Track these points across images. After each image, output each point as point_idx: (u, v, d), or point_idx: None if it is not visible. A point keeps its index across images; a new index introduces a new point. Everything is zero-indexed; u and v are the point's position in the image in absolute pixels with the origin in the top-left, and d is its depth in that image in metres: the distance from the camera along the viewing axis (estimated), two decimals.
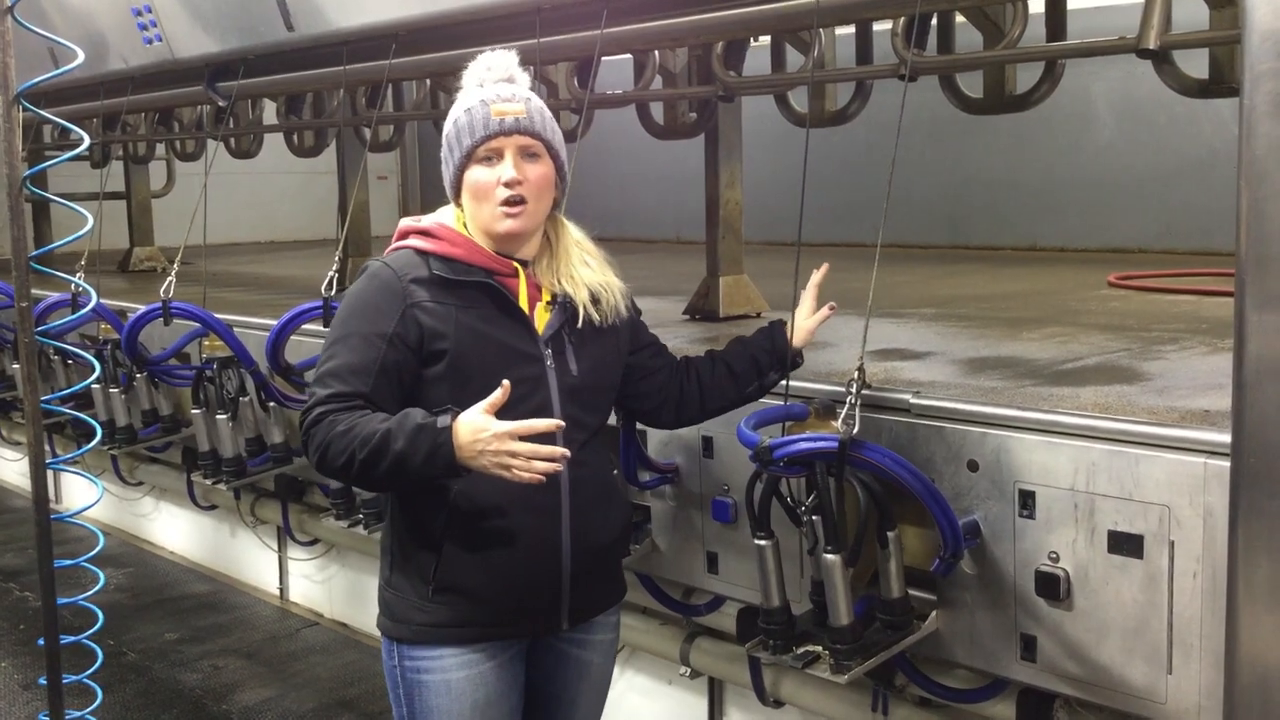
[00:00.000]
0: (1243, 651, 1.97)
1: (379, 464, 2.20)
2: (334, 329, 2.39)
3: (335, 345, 2.36)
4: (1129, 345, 3.63)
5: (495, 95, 2.38)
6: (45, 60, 4.92)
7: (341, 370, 2.31)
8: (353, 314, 2.38)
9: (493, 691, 2.45)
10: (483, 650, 2.43)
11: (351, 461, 2.22)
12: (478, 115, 2.36)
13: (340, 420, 2.25)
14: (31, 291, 2.51)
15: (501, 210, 2.36)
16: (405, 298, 2.34)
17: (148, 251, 8.11)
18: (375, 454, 2.20)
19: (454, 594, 2.39)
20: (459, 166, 2.40)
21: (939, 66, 3.78)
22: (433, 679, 2.43)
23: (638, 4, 3.80)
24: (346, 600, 5.74)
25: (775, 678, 3.59)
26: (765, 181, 5.83)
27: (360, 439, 2.21)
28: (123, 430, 4.98)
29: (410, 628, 2.43)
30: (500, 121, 2.35)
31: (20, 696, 4.90)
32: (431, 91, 5.80)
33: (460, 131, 2.38)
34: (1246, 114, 1.85)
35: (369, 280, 2.41)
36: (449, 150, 2.42)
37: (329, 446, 2.25)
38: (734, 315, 4.55)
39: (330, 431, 2.24)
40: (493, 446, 2.14)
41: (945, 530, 2.55)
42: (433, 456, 2.17)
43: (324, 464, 2.28)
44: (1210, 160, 6.43)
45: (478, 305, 2.37)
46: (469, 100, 2.40)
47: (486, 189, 2.37)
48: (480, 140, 2.35)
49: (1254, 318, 1.86)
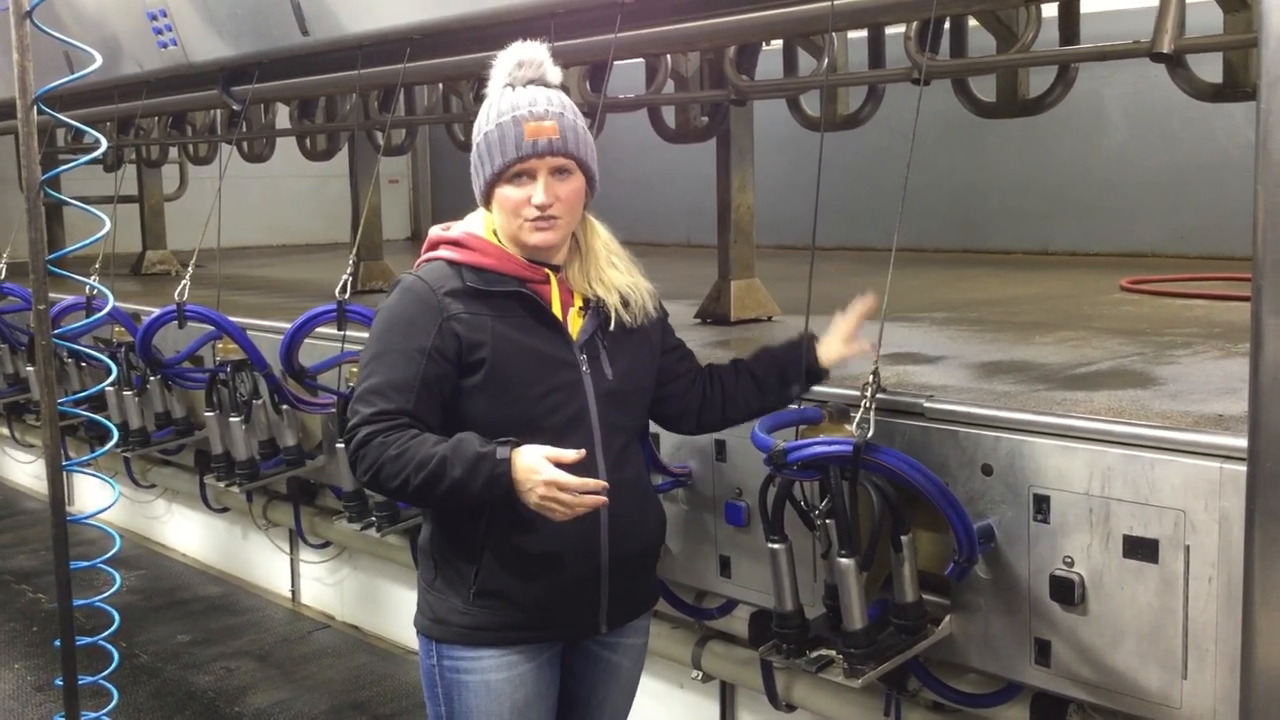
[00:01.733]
0: (1258, 656, 1.96)
1: (435, 488, 2.24)
2: (370, 345, 2.39)
3: (374, 362, 2.35)
4: (1142, 350, 3.62)
5: (528, 110, 2.33)
6: (60, 64, 4.94)
7: (383, 387, 2.31)
8: (389, 329, 2.37)
9: (531, 693, 2.47)
10: (522, 652, 2.45)
11: (406, 485, 2.25)
12: (509, 133, 2.33)
13: (391, 443, 2.26)
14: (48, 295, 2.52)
15: (531, 225, 2.37)
16: (441, 311, 2.35)
17: (160, 255, 8.13)
18: (432, 479, 2.23)
19: (494, 598, 2.41)
20: (489, 182, 2.39)
21: (952, 70, 3.78)
22: (472, 679, 2.43)
23: (651, 8, 3.80)
24: (358, 603, 5.75)
25: (787, 682, 3.59)
26: (777, 185, 5.84)
27: (415, 464, 2.24)
28: (136, 433, 4.99)
29: (451, 628, 2.44)
30: (533, 144, 2.33)
31: (34, 698, 4.92)
32: (444, 96, 5.82)
33: (491, 147, 2.36)
34: (1263, 118, 1.85)
35: (403, 295, 2.40)
36: (479, 162, 2.40)
37: (381, 469, 2.27)
38: (745, 319, 4.54)
39: (382, 454, 2.26)
40: (539, 491, 2.20)
41: (960, 534, 2.54)
42: (490, 485, 2.22)
43: (375, 484, 2.31)
44: (1223, 164, 6.41)
45: (512, 314, 2.38)
46: (500, 109, 2.36)
47: (516, 206, 2.37)
48: (511, 162, 2.34)
49: (1271, 322, 1.86)
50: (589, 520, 2.39)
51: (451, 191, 10.33)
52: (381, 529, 3.82)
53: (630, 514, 2.47)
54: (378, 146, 5.89)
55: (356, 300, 3.90)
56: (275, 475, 4.49)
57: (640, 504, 2.53)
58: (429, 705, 2.53)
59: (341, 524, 4.04)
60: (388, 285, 2.49)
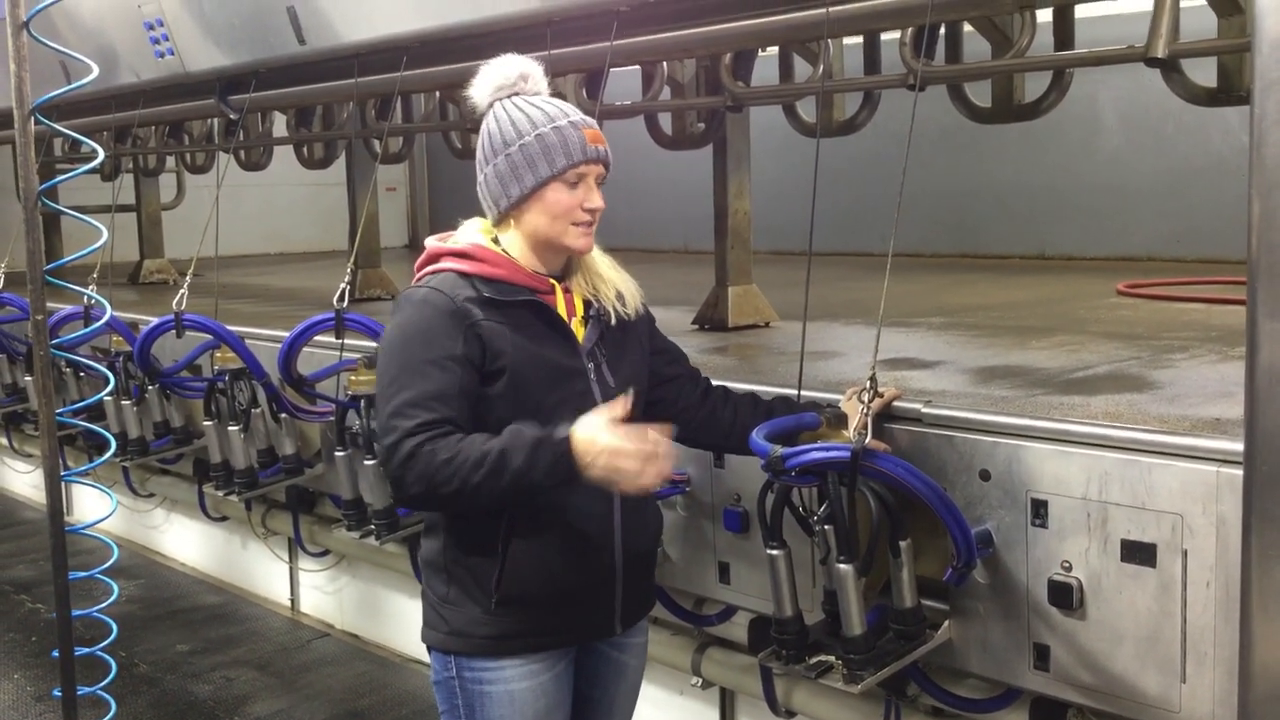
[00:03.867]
0: (1257, 660, 1.96)
1: (496, 484, 2.19)
2: (392, 362, 2.34)
3: (403, 377, 2.30)
4: (1139, 354, 3.63)
5: (580, 119, 2.40)
6: (57, 74, 4.95)
7: (422, 399, 2.26)
8: (413, 342, 2.33)
9: (552, 701, 2.48)
10: (543, 660, 2.45)
11: (464, 486, 2.19)
12: (572, 137, 2.37)
13: (439, 449, 2.21)
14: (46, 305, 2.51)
15: (576, 229, 2.40)
16: (464, 318, 2.33)
17: (158, 264, 8.14)
18: (492, 474, 2.19)
19: (517, 604, 2.40)
20: (540, 182, 2.38)
21: (947, 76, 3.79)
22: (496, 690, 2.42)
23: (647, 16, 3.81)
24: (358, 611, 5.75)
25: (787, 688, 3.59)
26: (773, 191, 5.84)
27: (471, 462, 2.19)
28: (134, 442, 4.99)
29: (473, 640, 2.42)
30: (597, 150, 2.39)
31: (33, 709, 4.91)
32: (441, 103, 5.83)
33: (551, 149, 2.36)
34: (1257, 122, 1.85)
35: (422, 307, 2.36)
36: (528, 164, 2.38)
37: (434, 476, 2.21)
38: (742, 325, 4.55)
39: (432, 462, 2.21)
40: (602, 461, 2.18)
41: (958, 539, 2.54)
42: (554, 469, 2.19)
43: (429, 494, 2.24)
44: (1218, 168, 6.42)
45: (527, 323, 2.39)
46: (547, 114, 2.39)
47: (569, 209, 2.39)
48: (577, 163, 2.37)
49: (1266, 326, 1.87)
50: (603, 520, 2.43)
51: (449, 199, 10.34)
52: (381, 537, 3.82)
53: (635, 515, 2.51)
54: (375, 154, 5.89)
55: (354, 308, 3.91)
56: (274, 484, 4.49)
57: (643, 504, 2.56)
58: (447, 717, 2.51)
59: (341, 532, 4.04)
60: (395, 301, 2.46)
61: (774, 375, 3.46)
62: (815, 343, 4.01)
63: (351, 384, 3.72)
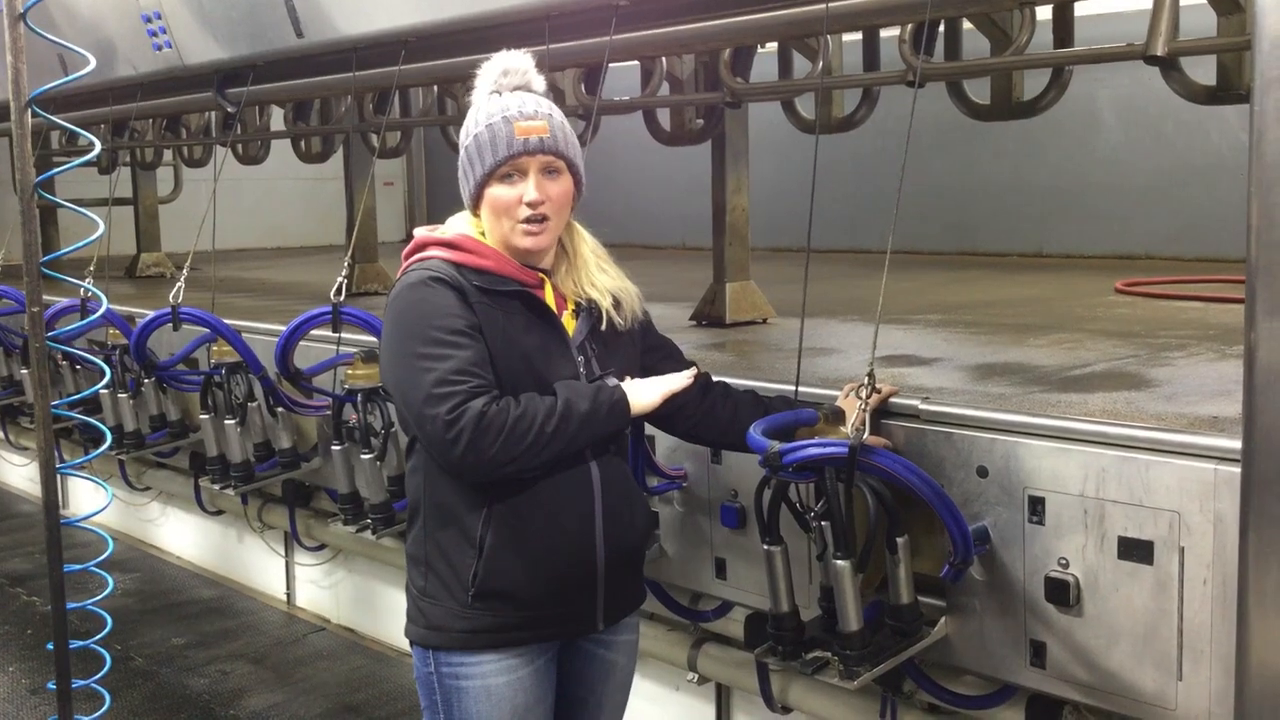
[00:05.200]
0: (1253, 657, 1.96)
1: (566, 429, 2.28)
2: (411, 340, 2.29)
3: (432, 350, 2.26)
4: (1136, 352, 3.63)
5: (518, 111, 2.36)
6: (54, 66, 4.94)
7: (466, 366, 2.25)
8: (430, 317, 2.29)
9: (531, 697, 2.47)
10: (521, 655, 2.44)
11: (539, 437, 2.24)
12: (500, 132, 2.35)
13: (507, 406, 2.24)
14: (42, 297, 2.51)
15: (523, 228, 2.37)
16: (466, 295, 2.34)
17: (155, 257, 8.13)
18: (563, 420, 2.27)
19: (494, 598, 2.39)
20: (480, 182, 2.39)
21: (947, 73, 3.78)
22: (472, 685, 2.42)
23: (646, 11, 3.80)
24: (353, 605, 5.75)
25: (783, 684, 3.59)
26: (772, 188, 5.84)
27: (542, 412, 2.26)
28: (131, 435, 4.98)
29: (449, 635, 2.42)
30: (524, 142, 2.34)
31: (28, 701, 4.91)
32: (439, 98, 5.82)
33: (481, 148, 2.37)
34: (1257, 120, 1.85)
35: (424, 288, 2.33)
36: (469, 164, 2.40)
37: (510, 432, 2.22)
38: (741, 321, 4.55)
39: (505, 419, 2.22)
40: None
41: (955, 536, 2.54)
42: (614, 410, 2.35)
43: (503, 451, 2.23)
44: (1217, 166, 6.43)
45: (517, 314, 2.38)
46: (489, 112, 2.38)
47: (508, 206, 2.37)
48: (503, 160, 2.35)
49: (1265, 324, 1.86)
50: (586, 515, 2.41)
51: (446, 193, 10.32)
52: (377, 531, 3.82)
53: (621, 510, 2.49)
54: (373, 149, 5.89)
55: (351, 303, 3.90)
56: (270, 478, 4.49)
57: (629, 501, 2.54)
58: (427, 715, 2.51)
59: (337, 526, 4.04)
60: (391, 290, 2.44)
61: (772, 372, 3.46)
62: (813, 339, 4.02)
63: (348, 378, 3.71)
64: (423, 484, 2.44)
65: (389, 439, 3.72)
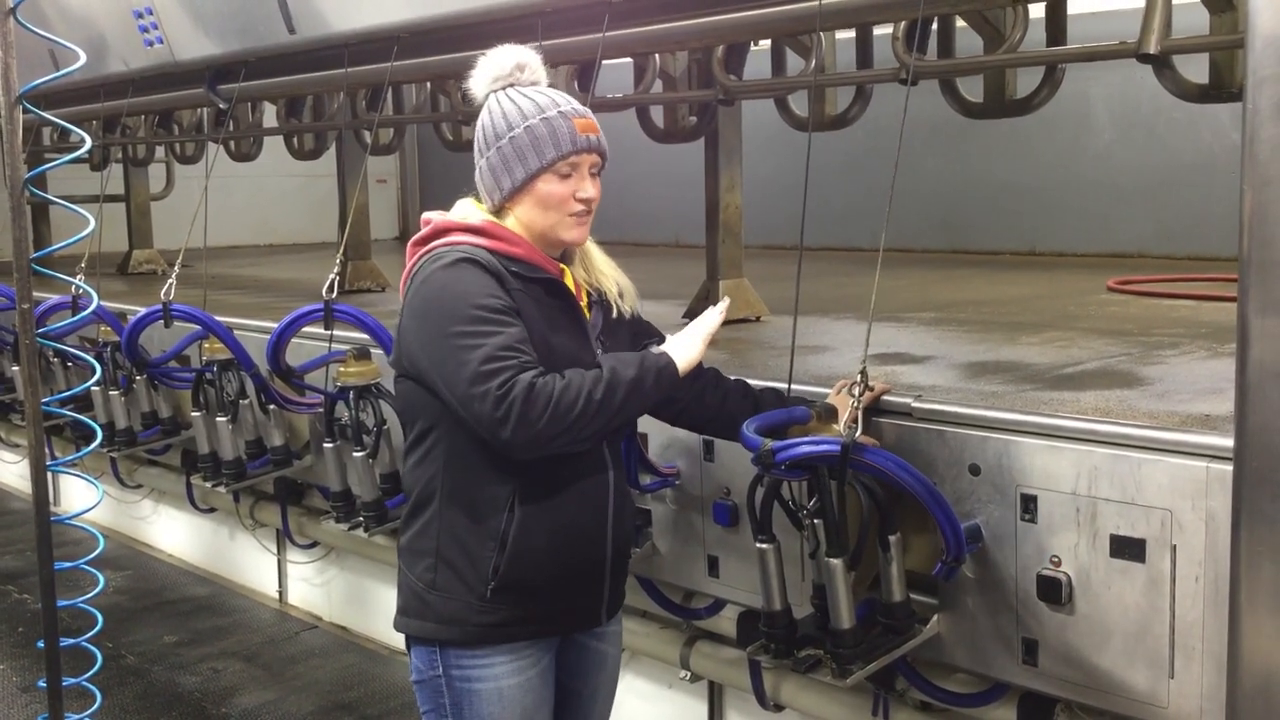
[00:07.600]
0: (1245, 655, 1.97)
1: (613, 399, 2.24)
2: (450, 320, 2.24)
3: (476, 328, 2.23)
4: (1129, 350, 3.63)
5: (571, 108, 2.38)
6: (45, 62, 4.91)
7: (512, 343, 2.22)
8: (470, 296, 2.25)
9: (539, 697, 2.47)
10: (529, 656, 2.43)
11: (587, 407, 2.20)
12: (561, 128, 2.34)
13: (553, 380, 2.21)
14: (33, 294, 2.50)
15: (572, 219, 2.39)
16: (502, 278, 2.31)
17: (147, 254, 8.11)
18: (610, 388, 2.24)
19: (514, 591, 2.37)
20: (532, 174, 2.36)
21: (939, 71, 3.78)
22: (485, 687, 2.39)
23: (639, 7, 3.80)
24: (346, 603, 5.74)
25: (775, 681, 3.59)
26: (765, 186, 5.84)
27: (589, 382, 2.23)
28: (122, 432, 4.97)
29: (464, 629, 2.38)
30: (587, 140, 2.36)
31: (19, 699, 4.89)
32: (432, 94, 5.81)
33: (539, 141, 2.34)
34: (1249, 118, 1.85)
35: (459, 268, 2.29)
36: (518, 155, 2.36)
37: (559, 404, 2.18)
38: (734, 319, 4.54)
39: (552, 392, 2.18)
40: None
41: (947, 534, 2.54)
42: (661, 375, 2.32)
43: (553, 423, 2.18)
44: (1209, 165, 6.44)
45: (546, 303, 2.38)
46: (539, 105, 2.36)
47: (561, 200, 2.37)
48: (566, 154, 2.35)
49: (1257, 322, 1.87)
50: (599, 509, 2.43)
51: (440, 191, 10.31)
52: (369, 529, 3.81)
53: (624, 507, 2.52)
54: (365, 145, 5.87)
55: (344, 300, 3.89)
56: (262, 475, 4.48)
57: (628, 495, 2.57)
58: (430, 718, 2.48)
59: (329, 524, 4.04)
60: (416, 273, 2.36)
61: (764, 369, 3.46)
62: (806, 337, 4.02)
63: (340, 375, 3.71)
64: (438, 474, 2.39)
65: (381, 436, 3.72)
